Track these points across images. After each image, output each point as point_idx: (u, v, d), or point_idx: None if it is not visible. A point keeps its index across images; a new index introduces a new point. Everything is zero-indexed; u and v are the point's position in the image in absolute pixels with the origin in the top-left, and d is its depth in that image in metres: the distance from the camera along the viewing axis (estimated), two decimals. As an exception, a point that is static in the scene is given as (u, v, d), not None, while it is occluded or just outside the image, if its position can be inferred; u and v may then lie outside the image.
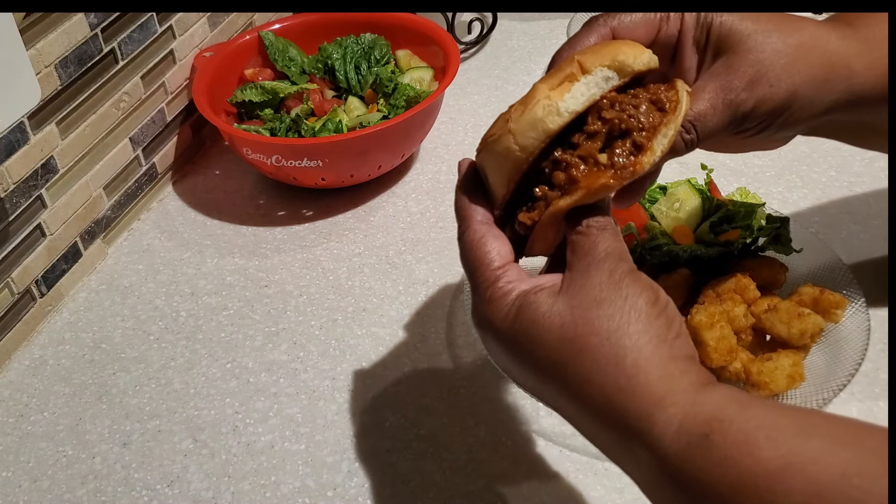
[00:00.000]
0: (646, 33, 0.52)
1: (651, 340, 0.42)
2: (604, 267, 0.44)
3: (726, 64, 0.51)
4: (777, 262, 0.68)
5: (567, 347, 0.42)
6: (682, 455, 0.39)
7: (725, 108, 0.50)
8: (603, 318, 0.42)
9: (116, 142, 0.85)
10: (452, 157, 0.95)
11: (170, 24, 0.89)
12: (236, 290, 0.81)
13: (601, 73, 0.46)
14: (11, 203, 0.73)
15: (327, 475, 0.63)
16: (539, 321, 0.43)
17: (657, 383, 0.41)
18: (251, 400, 0.70)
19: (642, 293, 0.43)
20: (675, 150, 0.49)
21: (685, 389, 0.41)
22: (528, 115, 0.45)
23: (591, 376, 0.42)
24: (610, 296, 0.43)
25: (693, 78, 0.53)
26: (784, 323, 0.63)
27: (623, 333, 0.42)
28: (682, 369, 0.41)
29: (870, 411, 0.64)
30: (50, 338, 0.77)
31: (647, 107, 0.46)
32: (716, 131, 0.50)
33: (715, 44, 0.51)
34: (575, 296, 0.43)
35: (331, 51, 0.97)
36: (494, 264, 0.46)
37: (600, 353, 0.42)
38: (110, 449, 0.67)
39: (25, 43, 0.69)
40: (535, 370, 0.44)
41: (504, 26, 1.17)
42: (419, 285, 0.79)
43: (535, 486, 0.61)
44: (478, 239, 0.47)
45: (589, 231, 0.45)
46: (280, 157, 0.84)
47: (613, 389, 0.41)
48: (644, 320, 0.42)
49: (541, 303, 0.44)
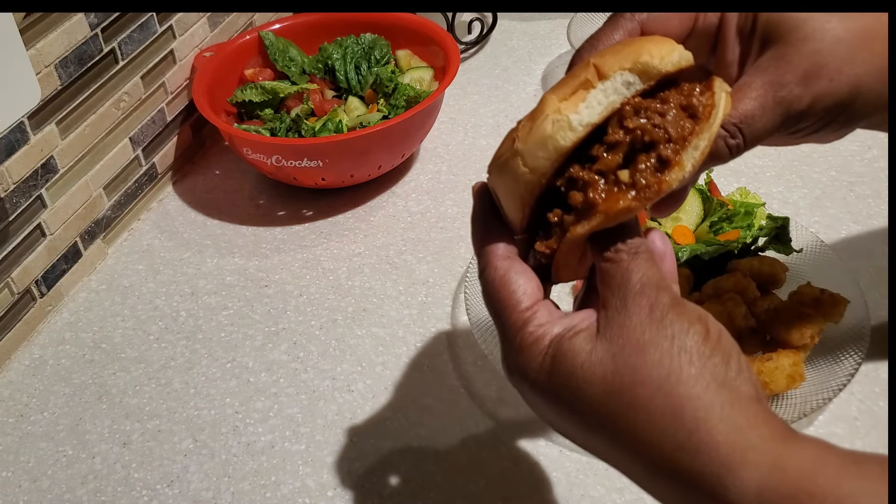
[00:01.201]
0: (680, 24, 0.45)
1: (709, 386, 0.36)
2: (642, 302, 0.38)
3: (777, 55, 0.44)
4: (777, 262, 0.68)
5: (614, 401, 0.37)
6: None
7: (777, 107, 0.43)
8: (651, 365, 0.37)
9: (116, 142, 0.85)
10: (452, 157, 0.95)
11: (170, 24, 0.89)
12: (236, 290, 0.81)
13: (621, 77, 0.40)
14: (11, 203, 0.73)
15: (327, 475, 0.63)
16: (578, 373, 0.38)
17: (724, 438, 0.36)
18: (251, 400, 0.70)
19: (690, 329, 0.38)
20: (719, 157, 0.43)
21: (759, 446, 0.36)
22: (536, 132, 0.40)
23: (646, 433, 0.37)
24: (654, 337, 0.37)
25: (737, 73, 0.46)
26: (784, 323, 0.63)
27: (676, 381, 0.36)
28: (750, 418, 0.36)
29: (870, 411, 0.64)
30: (50, 338, 0.77)
31: (676, 114, 0.40)
32: (766, 134, 0.44)
33: (763, 32, 0.44)
34: (615, 340, 0.38)
35: (331, 51, 0.97)
36: (522, 305, 0.41)
37: (653, 407, 0.37)
38: (110, 449, 0.67)
39: (25, 43, 0.69)
40: (580, 425, 0.39)
41: (504, 26, 1.17)
42: (419, 285, 0.79)
43: (535, 486, 0.61)
44: (500, 277, 0.42)
45: (619, 258, 0.40)
46: (280, 157, 0.84)
47: (673, 447, 0.36)
48: (698, 362, 0.37)
49: (578, 350, 0.39)
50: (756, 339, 0.65)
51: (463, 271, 0.80)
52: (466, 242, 0.83)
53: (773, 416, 0.37)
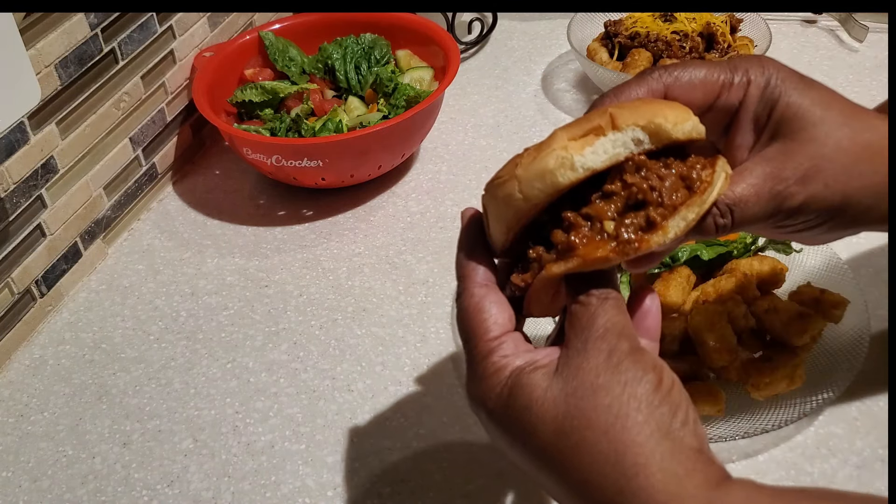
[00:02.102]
0: (703, 97, 0.46)
1: (653, 435, 0.38)
2: (602, 346, 0.40)
3: (782, 149, 0.45)
4: (777, 262, 0.68)
5: (563, 441, 0.39)
6: None
7: (771, 199, 0.45)
8: (600, 410, 0.38)
9: (116, 142, 0.85)
10: (452, 157, 0.95)
11: (170, 24, 0.89)
12: (236, 290, 0.81)
13: (632, 133, 0.41)
14: (11, 203, 0.73)
15: (327, 475, 0.64)
16: (532, 408, 0.40)
17: (662, 486, 0.37)
18: (251, 400, 0.70)
19: (643, 378, 0.39)
20: (705, 231, 0.45)
21: (695, 495, 0.37)
22: (539, 163, 0.40)
23: (590, 475, 0.38)
24: (608, 382, 0.39)
25: (743, 157, 0.47)
26: (784, 323, 0.63)
27: (622, 427, 0.38)
28: (688, 467, 0.38)
29: (870, 411, 0.64)
30: (50, 338, 0.77)
31: (673, 181, 0.41)
32: (754, 220, 0.45)
33: (775, 124, 0.46)
34: (570, 380, 0.40)
35: (331, 51, 0.97)
36: (490, 334, 0.43)
37: (598, 451, 0.38)
38: (110, 449, 0.67)
39: (25, 43, 0.69)
40: (530, 458, 0.41)
41: (504, 26, 1.17)
42: (419, 285, 0.79)
43: (535, 486, 0.61)
44: (474, 304, 0.43)
45: (588, 301, 0.41)
46: (280, 157, 0.84)
47: (614, 491, 0.38)
48: (645, 410, 0.38)
49: (535, 386, 0.40)
50: (756, 339, 0.65)
51: (463, 271, 0.80)
52: (466, 242, 0.83)
53: (710, 464, 0.38)
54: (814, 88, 0.46)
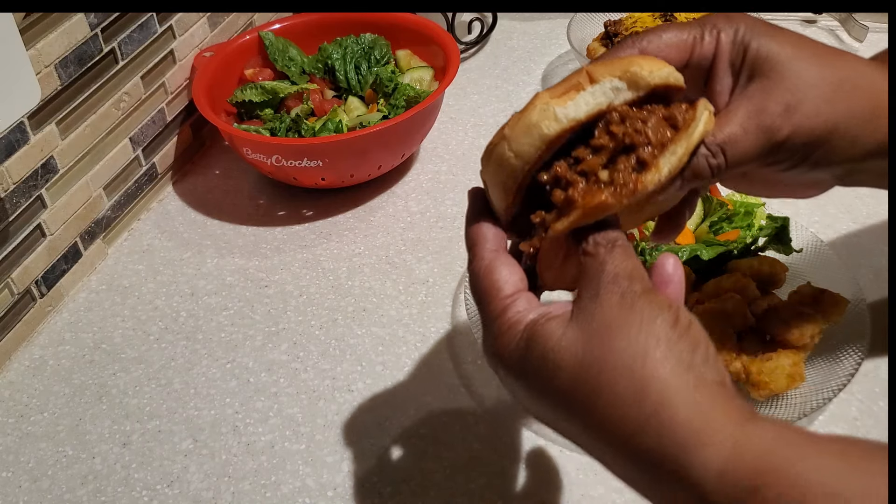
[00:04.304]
0: (678, 55, 0.47)
1: (674, 368, 0.37)
2: (614, 290, 0.40)
3: (762, 87, 0.46)
4: (777, 261, 0.68)
5: (582, 385, 0.39)
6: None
7: (759, 133, 0.45)
8: (618, 349, 0.38)
9: (116, 142, 0.85)
10: (452, 156, 0.95)
11: (170, 24, 0.89)
12: (236, 290, 0.81)
13: (610, 83, 0.42)
14: (11, 203, 0.73)
15: (327, 475, 0.64)
16: (549, 356, 0.40)
17: (686, 419, 0.36)
18: (251, 400, 0.70)
19: (659, 315, 0.39)
20: (700, 175, 0.45)
21: (722, 425, 0.36)
22: (524, 119, 0.42)
23: (612, 414, 0.38)
24: (624, 322, 0.39)
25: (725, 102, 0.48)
26: (784, 323, 0.63)
27: (641, 364, 0.38)
28: (713, 399, 0.37)
29: (869, 411, 0.64)
30: (50, 338, 0.77)
31: (657, 122, 0.42)
32: (747, 158, 0.46)
33: (751, 65, 0.47)
34: (586, 324, 0.40)
35: (331, 51, 0.97)
36: (503, 293, 0.43)
37: (619, 388, 0.38)
38: (110, 449, 0.67)
39: (25, 43, 0.69)
40: (551, 407, 0.41)
41: (504, 26, 1.17)
42: (419, 285, 0.79)
43: (535, 485, 0.61)
44: (485, 266, 0.44)
45: (596, 251, 0.42)
46: (280, 157, 0.84)
47: (636, 428, 0.37)
48: (664, 346, 0.38)
49: (550, 334, 0.40)
50: (756, 339, 0.65)
51: (463, 271, 0.80)
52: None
53: (736, 399, 0.38)
54: (783, 32, 0.47)
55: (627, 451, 0.38)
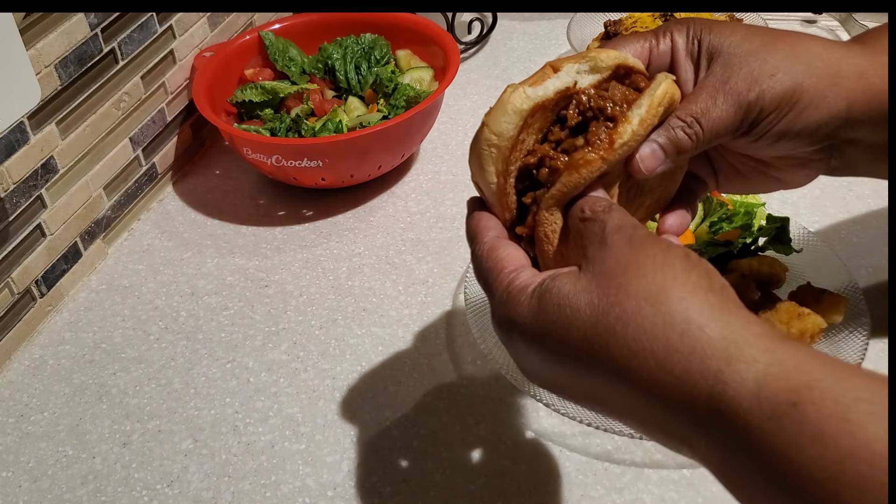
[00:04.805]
0: (639, 53, 0.50)
1: (696, 291, 0.37)
2: (620, 237, 0.40)
3: (723, 64, 0.49)
4: (777, 261, 0.68)
5: (602, 321, 0.38)
6: (765, 425, 0.33)
7: (728, 99, 0.47)
8: (634, 281, 0.38)
9: (116, 142, 0.85)
10: (452, 157, 0.95)
11: (170, 24, 0.89)
12: (236, 290, 0.81)
13: (574, 67, 0.46)
14: (11, 203, 0.73)
15: (327, 475, 0.64)
16: (565, 302, 0.39)
17: (718, 335, 0.35)
18: (251, 400, 0.70)
19: (670, 250, 0.39)
20: (682, 147, 0.47)
21: (754, 342, 0.35)
22: (498, 102, 0.45)
23: (638, 344, 0.37)
24: (635, 260, 0.39)
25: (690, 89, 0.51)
26: (784, 323, 0.63)
27: (662, 290, 0.37)
28: (742, 319, 0.36)
29: (870, 411, 0.64)
30: (50, 338, 0.77)
31: (621, 90, 0.46)
32: (721, 125, 0.48)
33: (708, 53, 0.50)
34: (598, 270, 0.39)
35: (331, 51, 0.97)
36: (508, 268, 0.44)
37: (642, 316, 0.37)
38: (110, 449, 0.67)
39: (25, 43, 0.69)
40: (570, 359, 0.40)
41: (504, 26, 1.17)
42: (419, 285, 0.79)
43: (535, 485, 0.61)
44: (488, 249, 0.45)
45: (594, 215, 0.43)
46: (280, 157, 0.84)
47: (665, 352, 0.36)
48: (682, 274, 0.38)
49: (562, 286, 0.40)
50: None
51: (463, 271, 0.80)
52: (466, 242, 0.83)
53: (761, 322, 0.37)
54: (731, 25, 0.50)
55: (655, 386, 0.37)
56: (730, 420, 0.34)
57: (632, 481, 0.61)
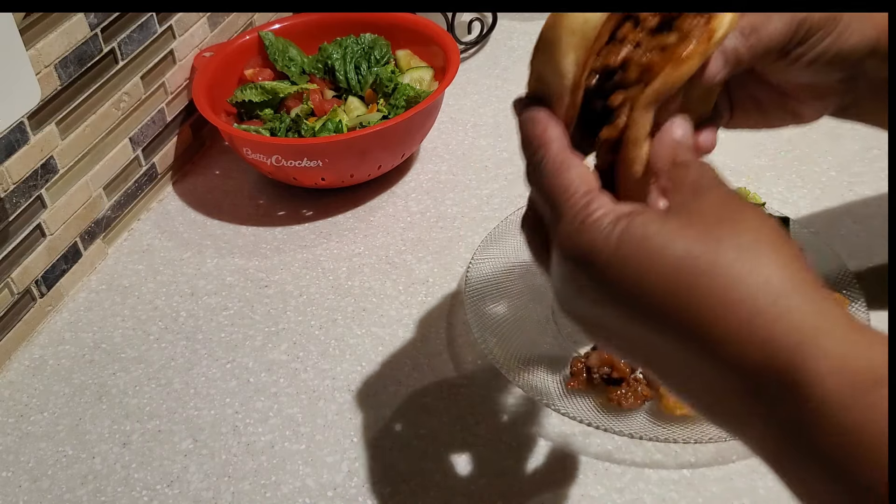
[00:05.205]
0: None
1: (791, 262, 0.36)
2: (719, 191, 0.39)
3: None
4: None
5: (692, 266, 0.36)
6: (846, 401, 0.32)
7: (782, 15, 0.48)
8: (730, 236, 0.36)
9: (116, 142, 0.85)
10: (452, 156, 0.95)
11: (170, 24, 0.89)
12: (236, 290, 0.81)
13: None
14: (11, 203, 0.73)
15: (327, 475, 0.63)
16: (653, 237, 0.37)
17: (807, 308, 0.35)
18: (251, 400, 0.70)
19: (767, 218, 0.38)
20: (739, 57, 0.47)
21: (841, 323, 0.35)
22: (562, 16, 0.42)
23: (726, 296, 0.35)
24: (733, 216, 0.37)
25: None
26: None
27: (757, 251, 0.36)
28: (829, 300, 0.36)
29: (870, 411, 0.64)
30: (50, 338, 0.77)
31: None
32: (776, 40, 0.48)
33: None
34: (691, 215, 0.38)
35: (331, 51, 0.97)
36: (582, 189, 0.40)
37: (736, 270, 0.35)
38: (110, 449, 0.67)
39: (25, 43, 0.69)
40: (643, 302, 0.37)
41: (504, 26, 1.17)
42: (419, 285, 0.79)
43: (535, 485, 0.61)
44: (559, 164, 0.41)
45: (689, 163, 0.41)
46: (280, 157, 0.84)
47: (753, 314, 0.35)
48: (778, 244, 0.37)
49: (650, 221, 0.38)
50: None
51: (463, 271, 0.80)
52: (466, 242, 0.83)
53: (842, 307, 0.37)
54: None
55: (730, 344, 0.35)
56: (805, 392, 0.33)
57: (632, 481, 0.61)
